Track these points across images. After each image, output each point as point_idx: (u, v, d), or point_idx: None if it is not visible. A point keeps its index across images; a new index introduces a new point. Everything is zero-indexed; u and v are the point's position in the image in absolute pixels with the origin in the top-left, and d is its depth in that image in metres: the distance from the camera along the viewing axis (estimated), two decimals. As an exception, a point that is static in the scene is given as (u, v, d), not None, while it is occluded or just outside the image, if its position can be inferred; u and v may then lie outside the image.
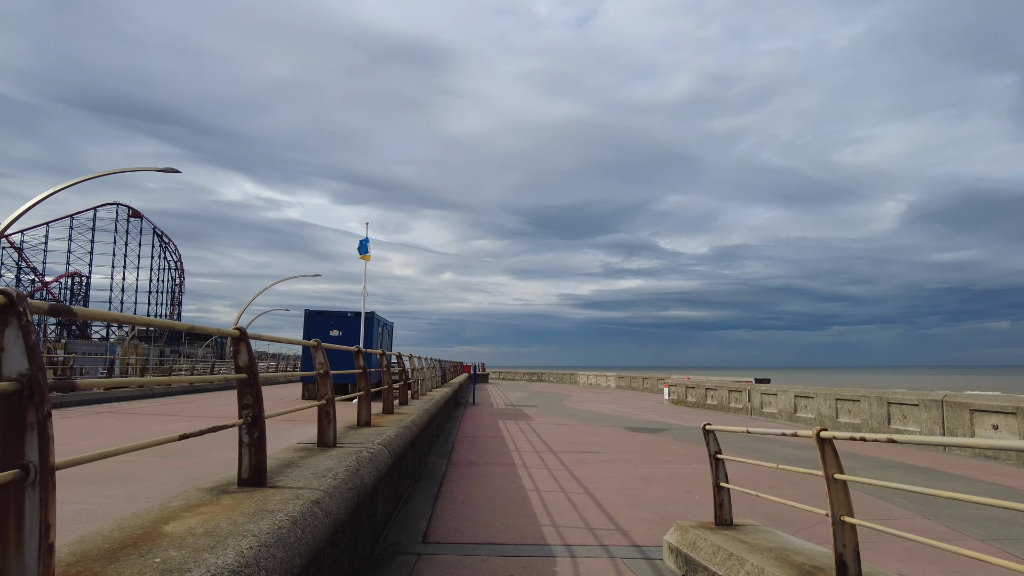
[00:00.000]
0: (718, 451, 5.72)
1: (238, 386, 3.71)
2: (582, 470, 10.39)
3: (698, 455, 12.65)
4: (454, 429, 16.70)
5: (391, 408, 8.95)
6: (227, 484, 3.67)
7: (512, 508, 7.55)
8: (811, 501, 8.19)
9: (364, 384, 7.22)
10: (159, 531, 2.58)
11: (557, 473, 10.07)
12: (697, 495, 8.67)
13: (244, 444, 3.66)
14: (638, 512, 7.56)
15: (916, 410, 15.21)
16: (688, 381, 29.59)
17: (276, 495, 3.36)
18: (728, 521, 5.64)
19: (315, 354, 5.49)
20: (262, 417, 3.68)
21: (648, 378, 43.81)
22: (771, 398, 22.28)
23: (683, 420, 21.05)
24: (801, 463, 11.71)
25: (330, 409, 5.38)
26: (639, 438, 15.53)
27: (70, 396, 19.77)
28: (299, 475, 4.00)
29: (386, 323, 24.31)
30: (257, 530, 2.65)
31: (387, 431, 6.60)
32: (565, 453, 12.35)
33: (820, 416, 19.10)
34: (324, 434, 5.37)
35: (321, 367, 5.44)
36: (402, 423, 7.60)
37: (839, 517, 3.79)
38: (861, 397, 17.36)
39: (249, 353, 3.72)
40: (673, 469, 10.80)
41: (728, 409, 24.99)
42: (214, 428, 3.20)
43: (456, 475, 9.74)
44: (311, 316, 20.71)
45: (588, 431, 16.90)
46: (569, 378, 60.73)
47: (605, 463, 11.25)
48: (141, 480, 7.49)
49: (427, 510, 7.35)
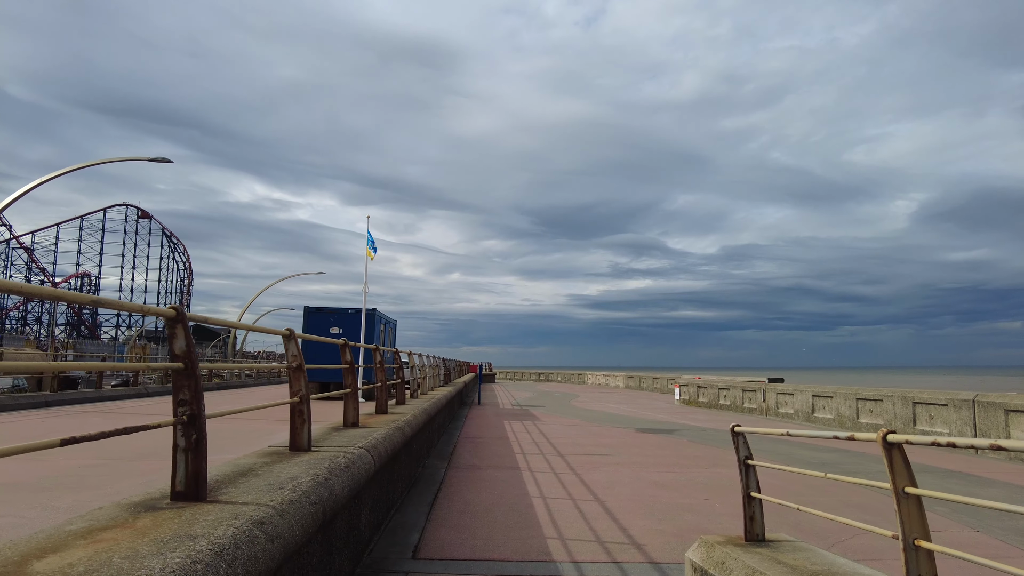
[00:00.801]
0: (748, 456, 5.01)
1: (173, 378, 3.04)
2: (591, 474, 9.68)
3: (714, 458, 11.90)
4: (457, 430, 16.03)
5: (384, 408, 8.28)
6: (159, 499, 2.99)
7: (515, 518, 6.86)
8: (852, 513, 7.45)
9: (351, 381, 6.55)
10: (22, 572, 1.90)
11: (564, 478, 9.36)
12: (717, 503, 7.95)
13: (179, 449, 2.99)
14: (654, 523, 6.85)
15: (945, 410, 14.38)
16: (700, 381, 28.78)
17: (211, 514, 2.68)
18: (760, 536, 4.92)
19: (287, 345, 4.82)
20: (202, 416, 3.01)
21: (658, 378, 42.96)
22: (787, 398, 21.46)
23: (696, 421, 20.28)
24: (832, 468, 10.90)
25: (303, 408, 4.70)
26: (651, 440, 14.79)
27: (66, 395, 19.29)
28: (252, 487, 3.32)
29: (389, 320, 23.67)
30: (161, 566, 1.97)
31: (375, 433, 5.92)
32: (573, 456, 11.64)
33: (840, 416, 18.28)
34: (297, 436, 4.70)
35: (294, 360, 4.77)
36: (394, 424, 6.93)
37: (912, 541, 3.06)
38: (884, 397, 16.53)
39: (187, 338, 3.05)
40: (689, 473, 10.07)
41: (742, 409, 24.17)
42: (126, 430, 2.53)
43: (456, 480, 9.06)
44: (310, 313, 20.07)
45: (597, 432, 16.17)
46: (577, 378, 59.94)
47: (616, 467, 10.54)
48: (96, 488, 6.81)
49: (421, 520, 6.66)
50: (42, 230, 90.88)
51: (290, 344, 4.91)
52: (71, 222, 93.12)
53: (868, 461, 11.83)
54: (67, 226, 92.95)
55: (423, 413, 9.29)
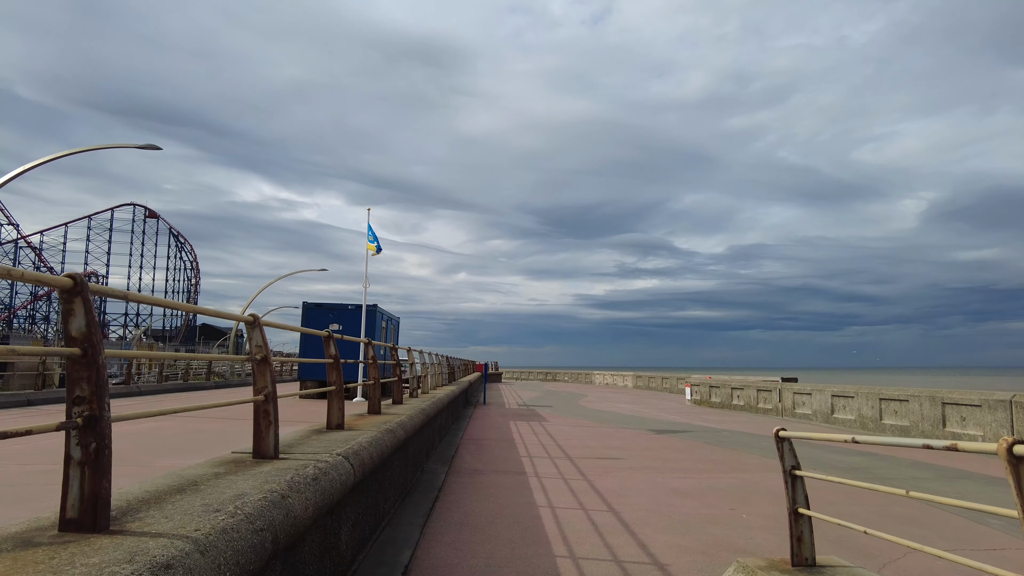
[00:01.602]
0: (795, 466, 4.24)
1: (67, 368, 2.32)
2: (603, 480, 8.92)
3: (734, 462, 11.11)
4: (460, 431, 15.29)
5: (378, 407, 7.55)
6: (46, 528, 2.27)
7: (520, 531, 6.11)
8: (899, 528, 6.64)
9: (336, 377, 5.82)
10: None
11: (574, 484, 8.61)
12: (744, 513, 7.17)
13: (73, 462, 2.25)
14: (676, 537, 6.08)
15: (978, 412, 13.52)
16: (712, 380, 27.93)
17: (98, 553, 1.95)
18: (810, 560, 4.16)
19: (251, 334, 4.09)
20: (105, 419, 2.28)
21: (667, 378, 42.08)
22: (804, 398, 20.60)
23: (709, 422, 19.46)
24: (863, 473, 10.04)
25: (269, 408, 3.97)
26: (665, 442, 14.01)
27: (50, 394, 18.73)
28: (181, 509, 2.59)
29: (391, 317, 22.94)
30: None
31: (360, 437, 5.19)
32: (583, 459, 10.88)
33: (861, 418, 17.43)
34: (261, 441, 3.97)
35: (259, 351, 4.04)
36: (385, 426, 6.19)
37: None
38: (910, 396, 15.67)
39: (88, 316, 2.32)
40: (709, 479, 9.30)
41: (756, 410, 23.32)
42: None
43: (456, 487, 8.32)
44: (309, 309, 19.38)
45: (607, 434, 15.40)
46: (584, 378, 59.11)
47: (629, 471, 9.77)
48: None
49: (414, 535, 5.92)
50: (50, 229, 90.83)
51: (254, 333, 4.17)
52: (79, 222, 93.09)
53: (900, 465, 11.02)
54: (75, 226, 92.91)
55: (421, 414, 8.56)
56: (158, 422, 13.42)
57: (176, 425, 13.39)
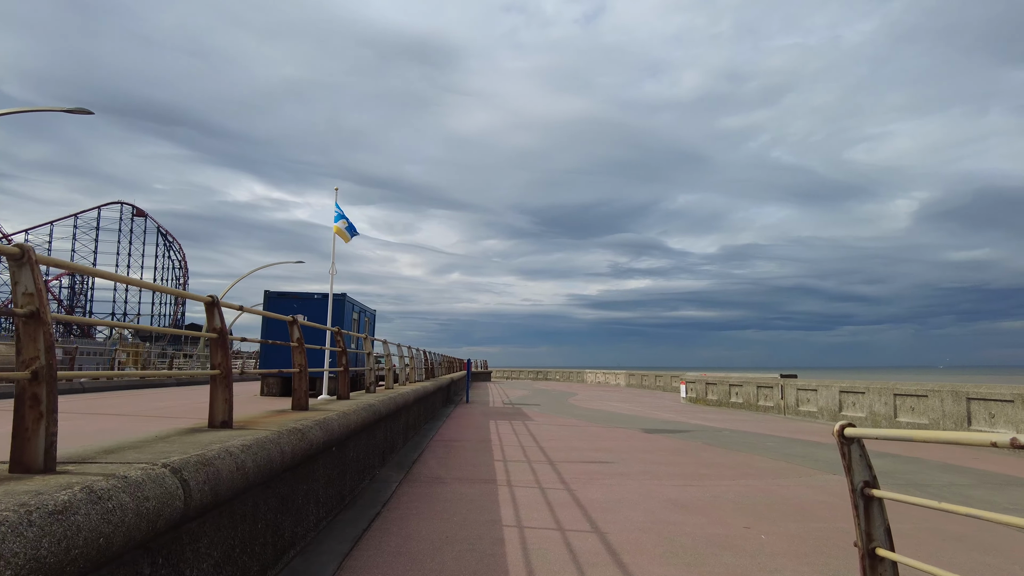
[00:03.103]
0: (869, 481, 2.76)
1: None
2: (589, 490, 7.43)
3: (740, 465, 9.64)
4: (433, 431, 13.77)
5: (304, 403, 6.01)
6: None
7: (472, 563, 4.61)
8: (956, 553, 5.18)
9: (222, 359, 4.29)
10: None
11: (553, 495, 7.11)
12: (763, 532, 5.71)
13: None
14: (680, 570, 4.60)
15: (1010, 408, 12.13)
16: (708, 377, 26.53)
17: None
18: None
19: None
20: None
21: (661, 375, 40.69)
22: (809, 394, 19.20)
23: (708, 420, 18.02)
24: (892, 479, 8.60)
25: (40, 392, 2.44)
26: (661, 443, 12.53)
27: None
28: None
29: (365, 309, 21.28)
30: None
31: (233, 441, 3.67)
32: (566, 464, 9.39)
33: (873, 415, 16.03)
34: (24, 445, 2.44)
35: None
36: (295, 424, 4.67)
37: None
38: (929, 392, 14.28)
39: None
40: (714, 487, 7.83)
41: (757, 407, 21.92)
42: None
43: (406, 500, 6.80)
44: (271, 298, 17.74)
45: (597, 434, 13.92)
46: (576, 376, 57.69)
47: (620, 479, 8.29)
48: None
49: (327, 568, 4.41)
50: (35, 228, 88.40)
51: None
52: (65, 220, 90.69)
53: (930, 470, 9.58)
54: (61, 224, 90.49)
55: (366, 410, 7.03)
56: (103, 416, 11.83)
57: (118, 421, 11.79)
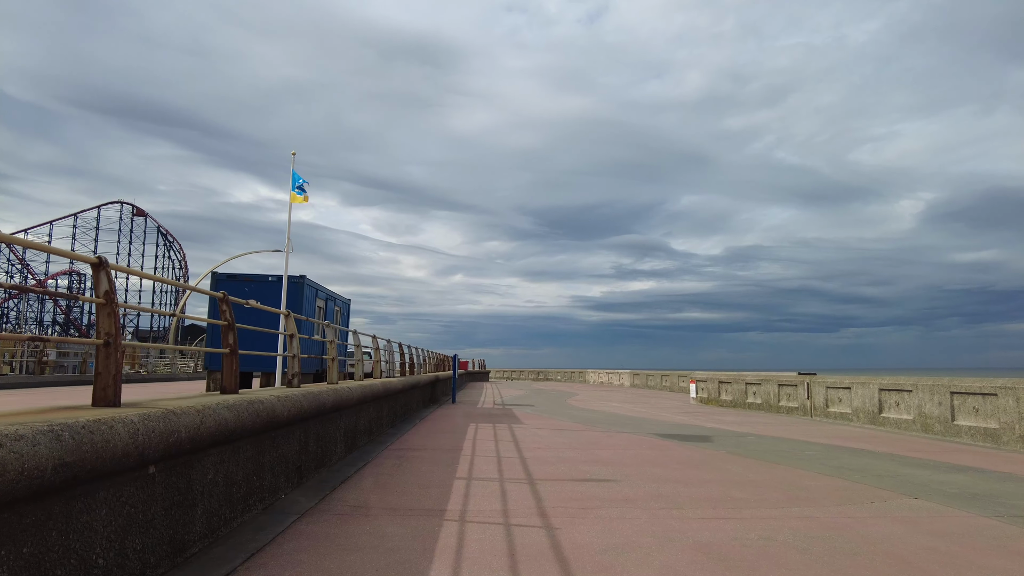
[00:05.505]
0: None
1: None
2: (577, 529, 4.98)
3: (783, 485, 7.15)
4: (394, 437, 11.35)
5: (233, 387, 3.63)
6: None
7: None
8: None
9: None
10: None
11: (522, 540, 4.66)
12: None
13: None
14: None
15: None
16: (722, 376, 24.04)
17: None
18: None
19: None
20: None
21: (667, 375, 38.17)
22: (842, 393, 16.71)
23: (725, 424, 15.55)
24: (990, 503, 6.09)
25: None
26: (674, 452, 10.06)
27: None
28: None
29: (335, 297, 18.87)
30: None
31: None
32: (552, 483, 6.95)
33: (923, 417, 13.54)
34: None
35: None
36: None
37: None
38: (998, 389, 11.80)
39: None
40: (759, 522, 5.36)
41: (778, 409, 19.42)
42: None
43: (291, 547, 4.36)
44: (220, 280, 15.41)
45: (596, 441, 11.47)
46: (578, 376, 55.23)
47: (624, 507, 5.84)
48: None
49: None
50: (35, 228, 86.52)
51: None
52: (65, 220, 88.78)
53: None
54: (61, 224, 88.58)
55: (246, 410, 4.60)
56: None
57: None
